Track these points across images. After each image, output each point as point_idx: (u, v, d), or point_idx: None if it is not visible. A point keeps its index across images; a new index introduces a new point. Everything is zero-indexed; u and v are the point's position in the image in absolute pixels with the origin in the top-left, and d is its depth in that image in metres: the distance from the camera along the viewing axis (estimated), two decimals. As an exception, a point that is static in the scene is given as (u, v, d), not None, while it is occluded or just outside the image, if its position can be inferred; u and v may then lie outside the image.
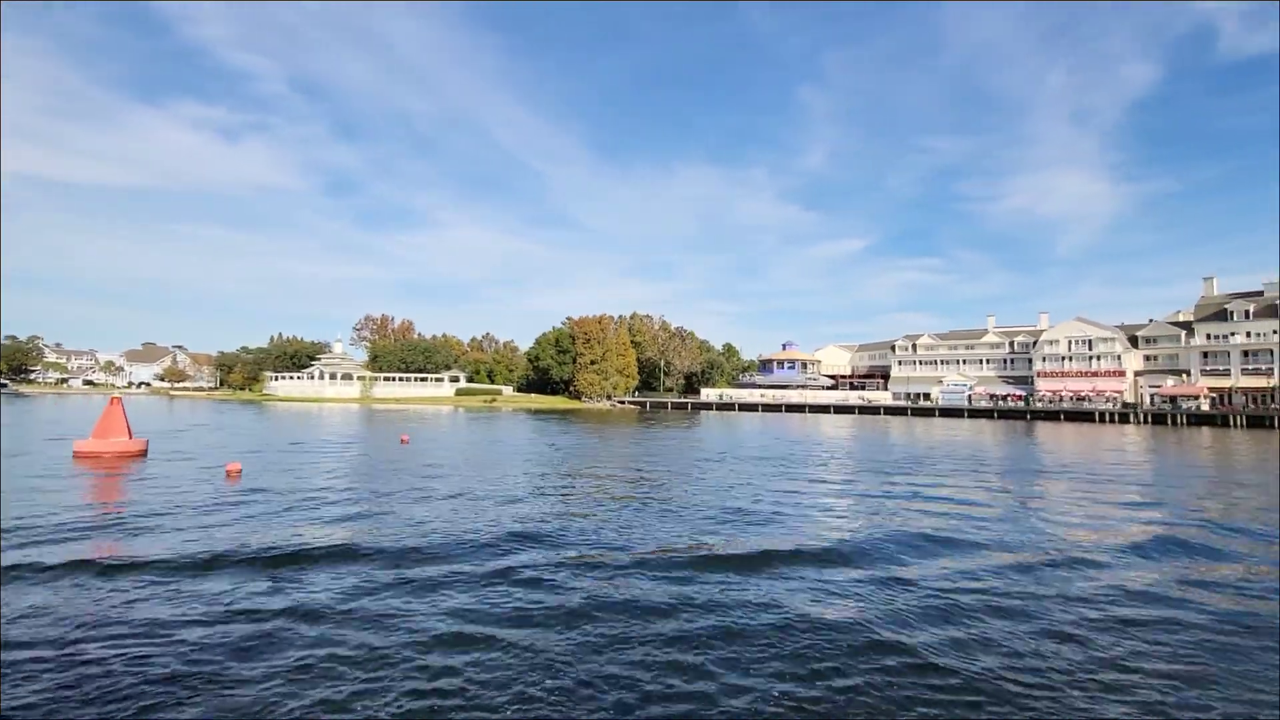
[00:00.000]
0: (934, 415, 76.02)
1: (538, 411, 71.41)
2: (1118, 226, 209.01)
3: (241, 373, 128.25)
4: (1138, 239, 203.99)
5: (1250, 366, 69.57)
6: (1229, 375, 70.27)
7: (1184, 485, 18.12)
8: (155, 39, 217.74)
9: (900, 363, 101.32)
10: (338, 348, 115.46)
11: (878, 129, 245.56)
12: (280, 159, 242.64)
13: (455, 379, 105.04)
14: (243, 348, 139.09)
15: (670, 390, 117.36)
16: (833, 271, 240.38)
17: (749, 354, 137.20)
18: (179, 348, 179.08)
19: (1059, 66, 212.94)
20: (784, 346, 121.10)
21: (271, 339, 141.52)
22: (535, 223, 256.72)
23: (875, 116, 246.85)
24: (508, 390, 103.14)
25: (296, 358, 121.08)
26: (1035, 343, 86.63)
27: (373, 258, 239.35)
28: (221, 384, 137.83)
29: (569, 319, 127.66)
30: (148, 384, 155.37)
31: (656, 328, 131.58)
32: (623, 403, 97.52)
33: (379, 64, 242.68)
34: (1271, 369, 67.87)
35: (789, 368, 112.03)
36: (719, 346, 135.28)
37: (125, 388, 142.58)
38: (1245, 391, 67.41)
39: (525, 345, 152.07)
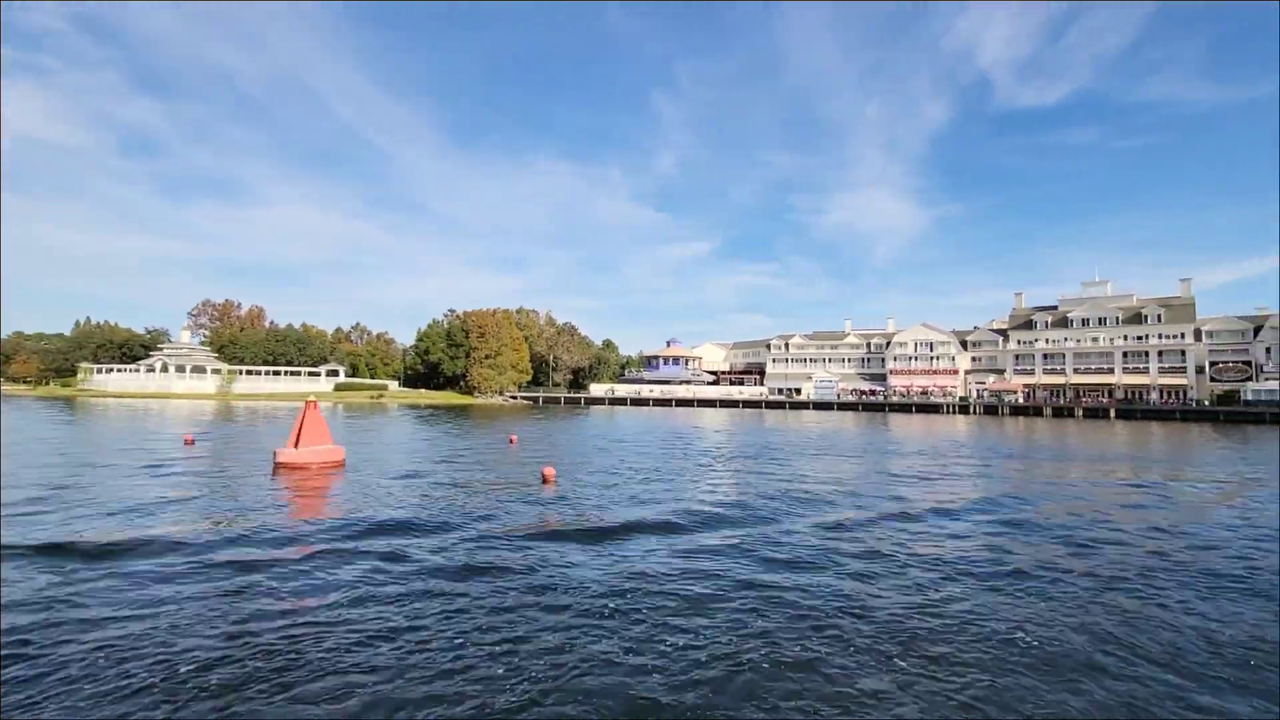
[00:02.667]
0: (809, 408, 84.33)
1: (430, 408, 69.11)
2: (919, 243, 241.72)
3: (34, 364, 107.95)
4: (933, 253, 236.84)
5: (1049, 367, 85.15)
6: (1033, 374, 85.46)
7: (1001, 462, 23.36)
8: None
9: (774, 360, 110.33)
10: (185, 336, 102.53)
11: (723, 140, 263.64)
12: (59, 108, 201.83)
13: (334, 373, 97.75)
14: (17, 333, 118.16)
15: (558, 385, 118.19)
16: (680, 272, 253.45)
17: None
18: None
19: (875, 100, 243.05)
20: (668, 344, 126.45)
21: (78, 324, 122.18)
22: (378, 204, 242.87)
23: (721, 128, 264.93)
24: (393, 385, 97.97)
25: (126, 347, 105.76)
26: (888, 344, 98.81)
27: (180, 232, 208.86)
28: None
29: (450, 310, 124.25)
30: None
31: (543, 322, 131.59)
32: (515, 398, 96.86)
33: (186, 8, 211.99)
34: (1062, 369, 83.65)
35: (674, 364, 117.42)
36: (599, 342, 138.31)
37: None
38: (1047, 388, 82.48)
39: (400, 337, 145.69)
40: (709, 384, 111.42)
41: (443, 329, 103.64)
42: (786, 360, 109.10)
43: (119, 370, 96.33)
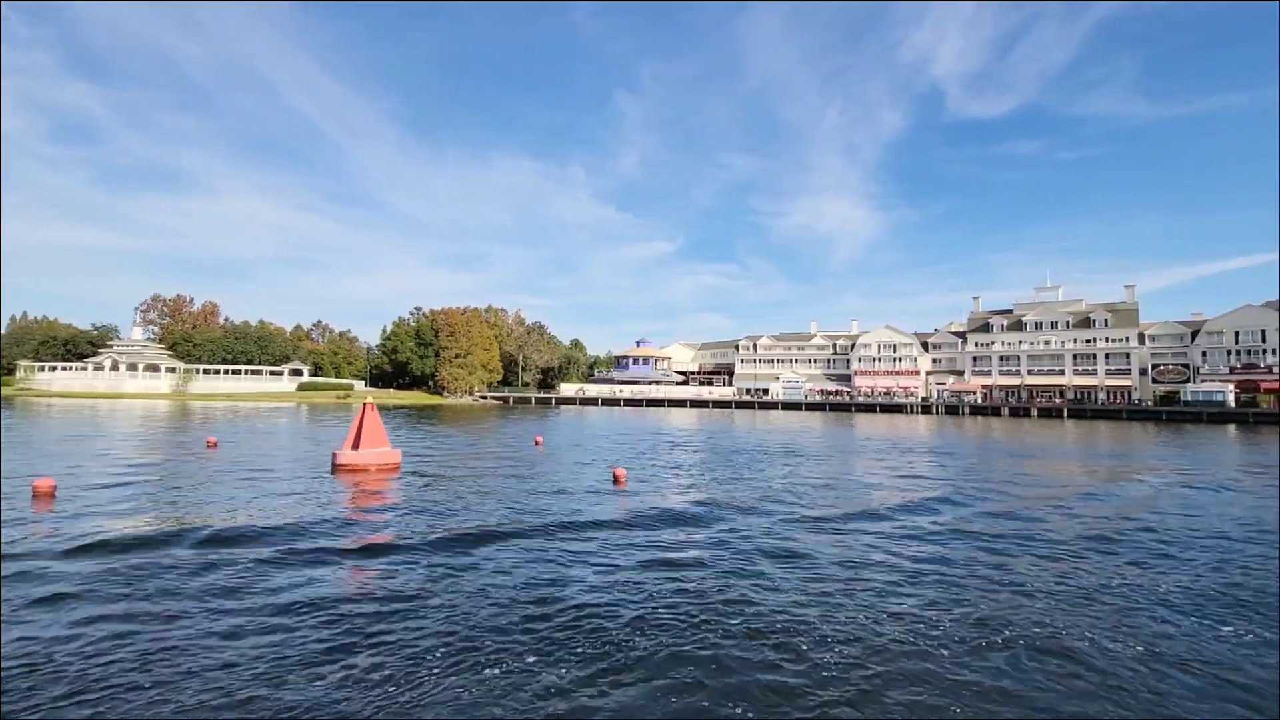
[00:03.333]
0: (777, 409, 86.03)
1: (399, 408, 67.95)
2: (874, 246, 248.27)
3: None
4: (888, 257, 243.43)
5: (1004, 369, 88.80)
6: (990, 375, 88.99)
7: (960, 459, 24.71)
8: None
9: (743, 361, 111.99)
10: (136, 333, 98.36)
11: (685, 141, 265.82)
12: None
13: (297, 372, 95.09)
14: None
15: (527, 385, 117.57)
16: (641, 272, 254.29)
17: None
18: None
19: (834, 106, 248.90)
20: (637, 344, 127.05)
21: (13, 319, 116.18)
22: (334, 198, 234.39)
23: (683, 129, 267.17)
24: (359, 385, 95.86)
25: (72, 344, 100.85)
26: (853, 346, 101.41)
27: (120, 224, 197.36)
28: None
29: (417, 308, 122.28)
30: None
31: (512, 321, 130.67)
32: (485, 398, 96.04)
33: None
34: (1017, 370, 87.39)
35: (643, 364, 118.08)
36: (566, 342, 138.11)
37: None
38: (1003, 389, 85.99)
39: (362, 335, 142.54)
40: (678, 384, 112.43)
41: (411, 327, 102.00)
42: (755, 361, 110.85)
43: (64, 368, 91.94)
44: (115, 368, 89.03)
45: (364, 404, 18.06)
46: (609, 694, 4.91)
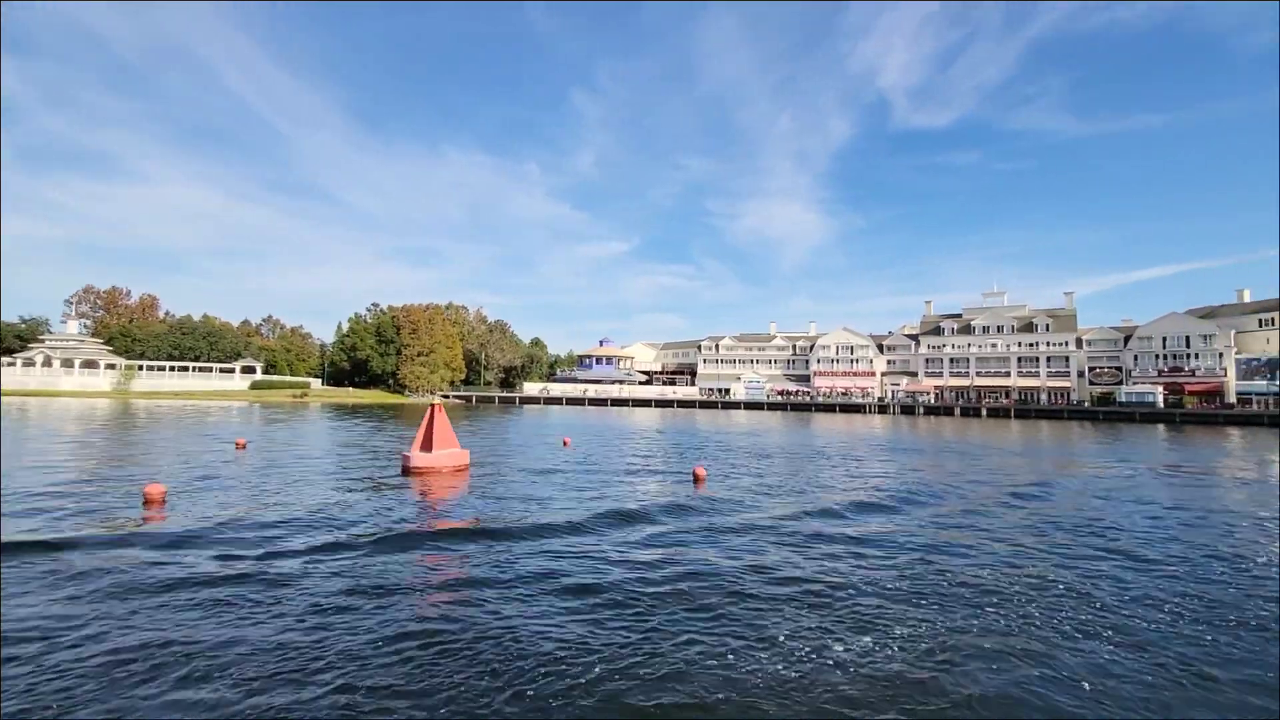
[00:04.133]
0: (741, 408, 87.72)
1: (360, 408, 66.40)
2: (823, 250, 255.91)
3: None
4: (836, 261, 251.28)
5: (955, 370, 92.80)
6: (942, 376, 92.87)
7: (917, 457, 26.29)
8: None
9: (705, 361, 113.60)
10: (72, 327, 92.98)
11: (642, 142, 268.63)
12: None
13: (250, 370, 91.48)
14: None
15: (489, 384, 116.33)
16: (597, 271, 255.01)
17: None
18: None
19: (786, 113, 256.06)
20: (600, 343, 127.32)
21: None
22: (276, 188, 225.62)
23: (640, 129, 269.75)
24: (315, 383, 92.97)
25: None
26: (812, 347, 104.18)
27: (36, 208, 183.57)
28: None
29: (374, 305, 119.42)
30: None
31: (474, 319, 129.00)
32: (447, 397, 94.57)
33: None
34: (967, 372, 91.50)
35: (607, 364, 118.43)
36: (526, 340, 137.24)
37: None
38: (953, 390, 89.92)
39: (314, 331, 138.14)
40: (641, 384, 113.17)
41: (371, 324, 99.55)
42: (717, 361, 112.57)
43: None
44: (48, 364, 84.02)
45: (432, 405, 17.78)
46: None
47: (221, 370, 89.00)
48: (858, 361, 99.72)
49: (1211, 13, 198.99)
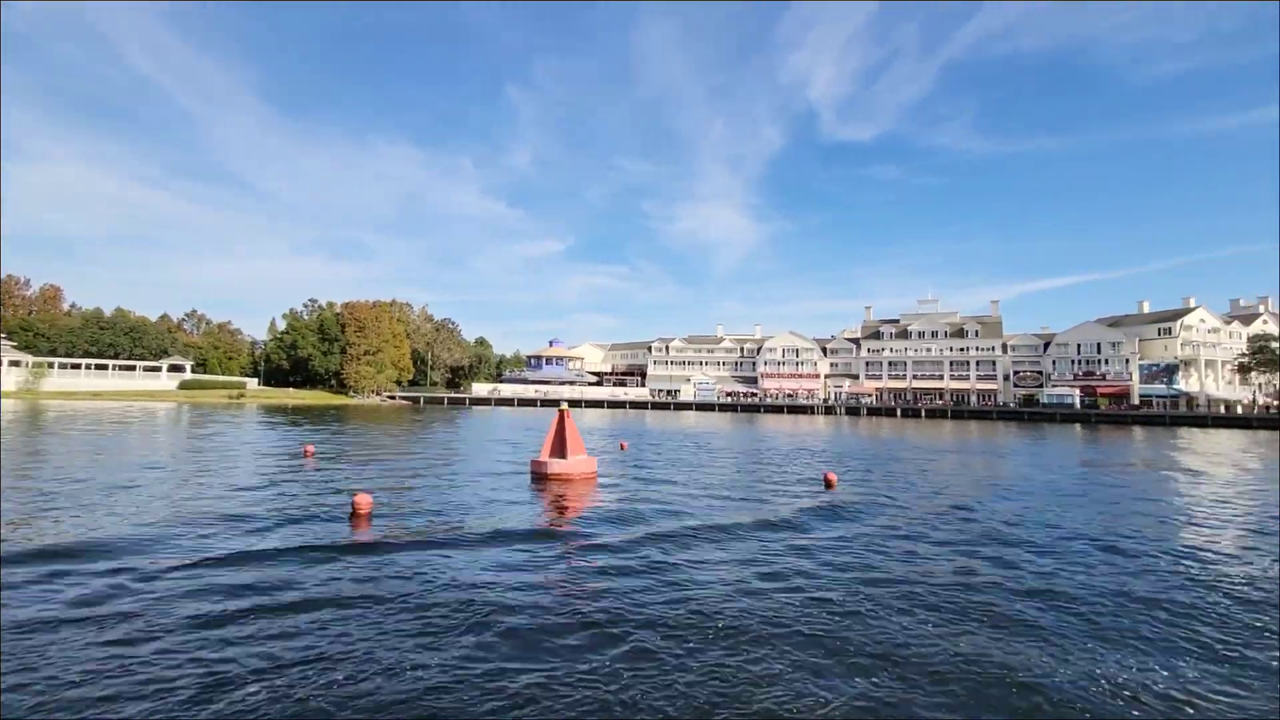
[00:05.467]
0: (693, 409, 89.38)
1: (302, 410, 63.40)
2: (755, 255, 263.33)
3: None
4: (767, 265, 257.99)
5: (893, 373, 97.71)
6: (882, 379, 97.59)
7: (857, 460, 28.28)
8: None
9: (655, 362, 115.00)
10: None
11: (579, 141, 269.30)
12: None
13: (178, 368, 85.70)
14: None
15: (435, 385, 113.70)
16: (532, 270, 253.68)
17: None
18: None
19: (721, 119, 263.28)
20: (550, 343, 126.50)
21: None
22: (181, 172, 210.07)
23: (577, 129, 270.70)
24: (252, 383, 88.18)
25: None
26: (759, 349, 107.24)
27: None
28: None
29: (311, 300, 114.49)
30: None
31: (419, 318, 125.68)
32: (394, 398, 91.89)
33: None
34: (904, 375, 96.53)
35: (557, 364, 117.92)
36: (471, 340, 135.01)
37: None
38: (892, 391, 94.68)
39: (245, 328, 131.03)
40: (591, 384, 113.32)
41: (312, 321, 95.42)
42: (667, 362, 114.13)
43: None
44: (-60, 360, 76.31)
45: (560, 411, 17.04)
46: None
47: (147, 369, 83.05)
48: (802, 364, 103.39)
49: (1104, 46, 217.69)
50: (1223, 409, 70.65)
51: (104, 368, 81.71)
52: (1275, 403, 72.76)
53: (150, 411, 51.94)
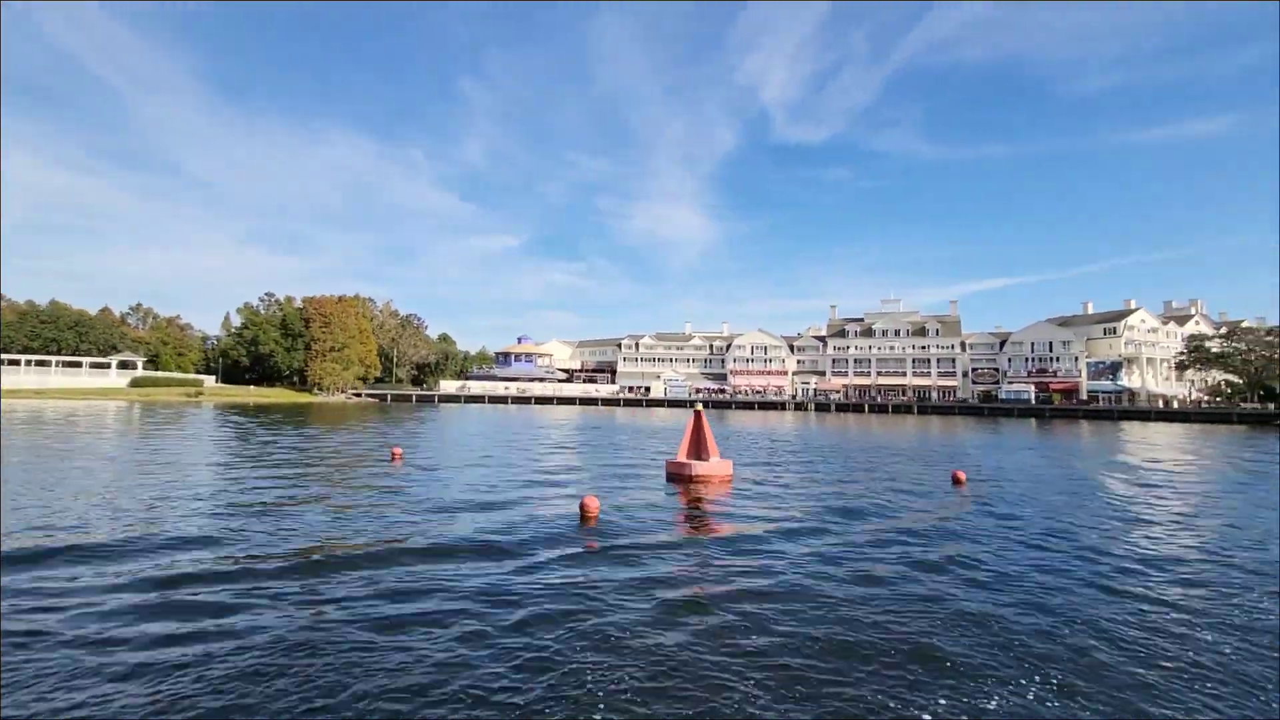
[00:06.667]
0: (665, 405, 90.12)
1: (264, 409, 60.71)
2: (710, 253, 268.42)
3: None
4: (722, 264, 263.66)
5: (858, 370, 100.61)
6: (847, 376, 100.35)
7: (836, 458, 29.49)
8: None
9: (625, 359, 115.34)
10: (-110, 314, 78.50)
11: (534, 136, 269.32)
12: None
13: (128, 365, 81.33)
14: None
15: (401, 382, 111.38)
16: (486, 265, 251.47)
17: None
18: None
19: (678, 118, 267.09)
20: (519, 340, 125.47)
21: None
22: (108, 156, 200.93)
23: (532, 124, 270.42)
24: (210, 381, 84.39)
25: None
26: (729, 347, 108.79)
27: None
28: None
29: (268, 294, 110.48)
30: None
31: (383, 314, 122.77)
32: (359, 395, 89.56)
33: None
34: (869, 372, 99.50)
35: (526, 361, 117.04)
36: (434, 337, 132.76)
37: None
38: (858, 388, 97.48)
39: (197, 322, 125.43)
40: (562, 381, 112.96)
41: (274, 316, 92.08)
42: (637, 359, 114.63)
43: None
44: None
45: (695, 411, 16.58)
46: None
47: (94, 365, 78.48)
48: (771, 361, 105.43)
49: (1040, 60, 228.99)
50: (1161, 404, 75.45)
51: (45, 364, 76.97)
52: (1207, 398, 78.20)
53: (112, 410, 49.38)
